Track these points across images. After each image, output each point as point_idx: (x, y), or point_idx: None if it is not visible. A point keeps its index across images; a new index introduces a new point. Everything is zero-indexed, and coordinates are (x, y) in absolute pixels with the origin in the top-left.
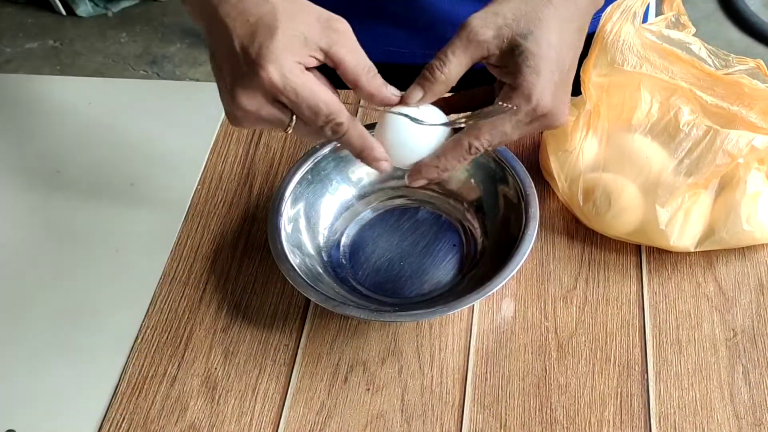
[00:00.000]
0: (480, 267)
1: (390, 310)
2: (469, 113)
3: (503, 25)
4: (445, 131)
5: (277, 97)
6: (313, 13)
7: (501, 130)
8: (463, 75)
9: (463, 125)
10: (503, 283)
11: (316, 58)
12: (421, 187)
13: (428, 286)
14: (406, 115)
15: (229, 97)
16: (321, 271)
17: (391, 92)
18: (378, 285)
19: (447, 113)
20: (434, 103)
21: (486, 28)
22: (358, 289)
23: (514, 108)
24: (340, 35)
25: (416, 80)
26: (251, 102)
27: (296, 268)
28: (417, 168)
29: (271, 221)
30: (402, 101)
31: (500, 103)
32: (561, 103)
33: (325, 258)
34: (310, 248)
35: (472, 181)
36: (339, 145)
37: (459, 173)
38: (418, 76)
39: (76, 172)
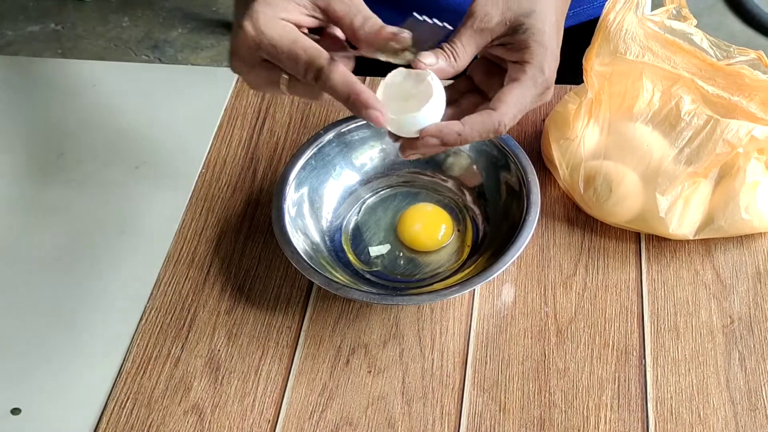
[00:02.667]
0: (481, 253)
1: (392, 294)
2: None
3: (505, 9)
4: (441, 94)
5: (260, 54)
6: None
7: (524, 103)
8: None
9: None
10: (504, 268)
11: (315, 17)
12: (418, 172)
13: (429, 271)
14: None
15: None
16: (324, 254)
17: (391, 30)
18: (380, 269)
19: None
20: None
21: (490, 15)
22: (360, 273)
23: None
24: None
25: (433, 52)
26: (241, 65)
27: (299, 251)
28: (437, 129)
29: (275, 205)
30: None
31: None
32: (554, 75)
33: (329, 242)
34: (313, 232)
35: (475, 167)
36: (343, 130)
37: (463, 160)
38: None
39: (81, 155)
